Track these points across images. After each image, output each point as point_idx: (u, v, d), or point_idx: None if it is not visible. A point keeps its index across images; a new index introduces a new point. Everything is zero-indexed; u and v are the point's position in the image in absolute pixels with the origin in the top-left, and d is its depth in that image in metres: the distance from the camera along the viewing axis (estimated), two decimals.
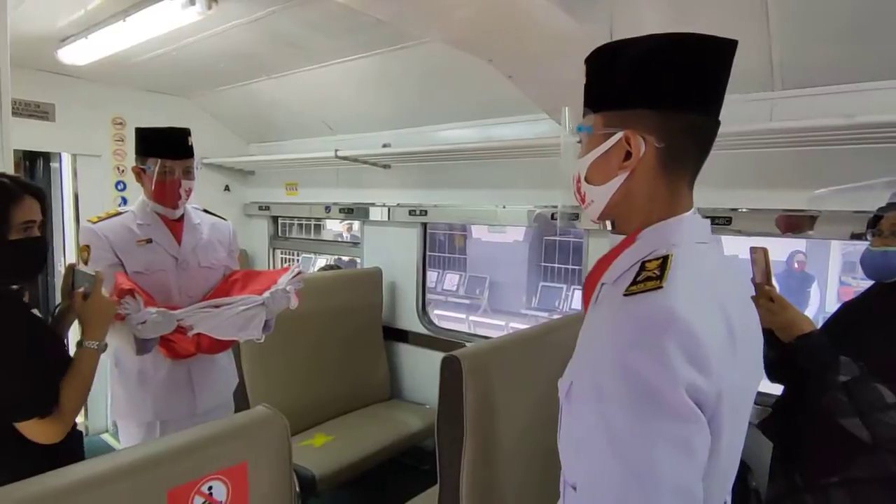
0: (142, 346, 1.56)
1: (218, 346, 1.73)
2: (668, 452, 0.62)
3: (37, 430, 1.15)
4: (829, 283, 7.16)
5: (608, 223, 0.83)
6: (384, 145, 2.96)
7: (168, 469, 0.81)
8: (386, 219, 3.14)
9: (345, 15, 2.11)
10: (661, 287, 0.66)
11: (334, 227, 7.39)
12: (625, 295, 0.68)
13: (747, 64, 1.77)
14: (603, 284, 0.79)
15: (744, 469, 1.99)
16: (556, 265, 9.27)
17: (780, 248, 5.66)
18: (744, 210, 1.99)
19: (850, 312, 1.40)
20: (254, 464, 0.89)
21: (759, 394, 2.17)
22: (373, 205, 3.21)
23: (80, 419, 3.41)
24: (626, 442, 0.64)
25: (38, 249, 1.24)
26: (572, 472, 0.75)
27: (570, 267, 8.20)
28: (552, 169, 2.49)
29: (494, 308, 9.74)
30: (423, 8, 1.60)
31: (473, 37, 1.77)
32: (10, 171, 1.86)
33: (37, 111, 2.94)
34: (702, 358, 0.63)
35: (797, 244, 5.99)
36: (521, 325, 8.20)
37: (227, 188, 3.88)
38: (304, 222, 4.73)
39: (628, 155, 0.74)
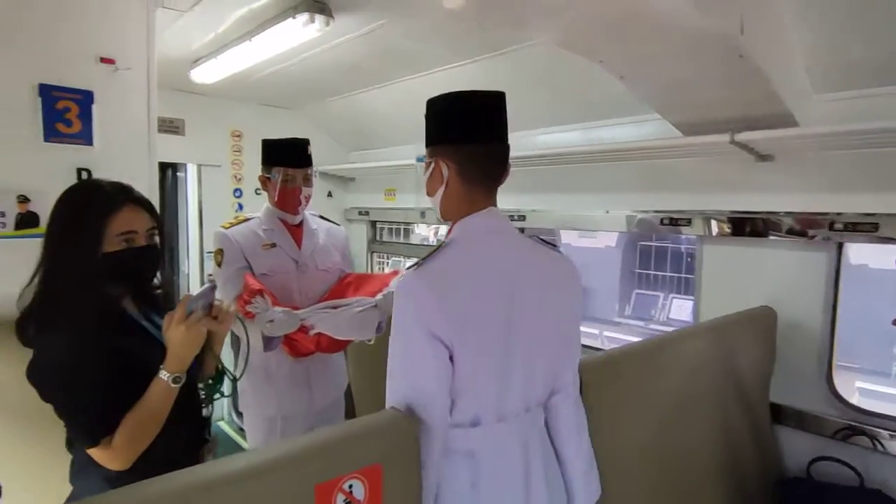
0: (268, 344, 1.67)
1: (335, 345, 1.81)
2: (409, 363, 1.04)
3: (98, 457, 1.08)
4: None
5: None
6: None
7: (314, 465, 0.84)
8: None
9: (449, 23, 2.13)
10: (417, 267, 1.04)
11: (422, 231, 7.53)
12: (408, 267, 1.08)
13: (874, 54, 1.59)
14: None
15: None
16: (652, 272, 8.81)
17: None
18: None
19: None
20: (387, 466, 0.91)
21: None
22: None
23: None
24: (394, 354, 1.05)
25: (140, 259, 1.16)
26: None
27: (667, 274, 7.73)
28: (658, 171, 2.37)
29: (586, 316, 9.43)
30: (535, 11, 1.57)
31: (586, 38, 1.71)
32: (156, 181, 2.07)
33: (171, 126, 3.27)
34: (437, 312, 1.00)
35: None
36: (615, 334, 7.89)
37: (329, 194, 4.09)
38: (394, 227, 4.88)
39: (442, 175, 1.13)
